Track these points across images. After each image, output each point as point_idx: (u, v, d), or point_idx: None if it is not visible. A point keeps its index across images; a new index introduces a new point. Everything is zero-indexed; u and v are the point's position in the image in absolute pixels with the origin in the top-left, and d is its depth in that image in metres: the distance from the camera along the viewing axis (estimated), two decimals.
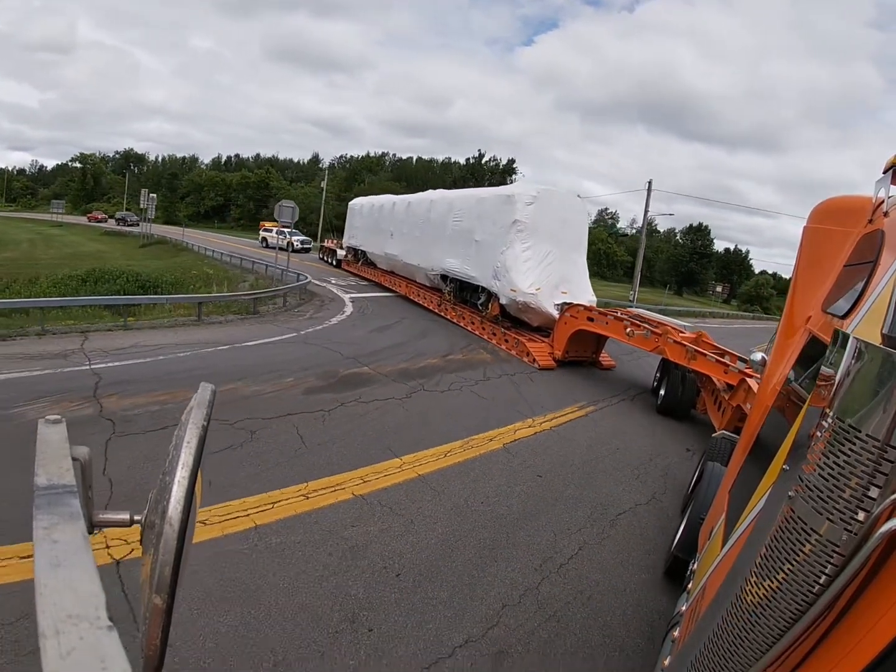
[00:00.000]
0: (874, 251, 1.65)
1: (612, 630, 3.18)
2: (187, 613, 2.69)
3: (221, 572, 3.08)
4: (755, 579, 0.96)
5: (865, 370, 0.85)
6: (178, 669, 2.41)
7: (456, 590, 3.29)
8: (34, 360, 6.61)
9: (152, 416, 5.01)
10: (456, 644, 2.86)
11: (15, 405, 4.96)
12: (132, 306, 11.47)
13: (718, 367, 6.66)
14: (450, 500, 4.36)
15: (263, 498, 3.87)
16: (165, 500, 0.51)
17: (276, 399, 5.91)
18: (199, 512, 2.45)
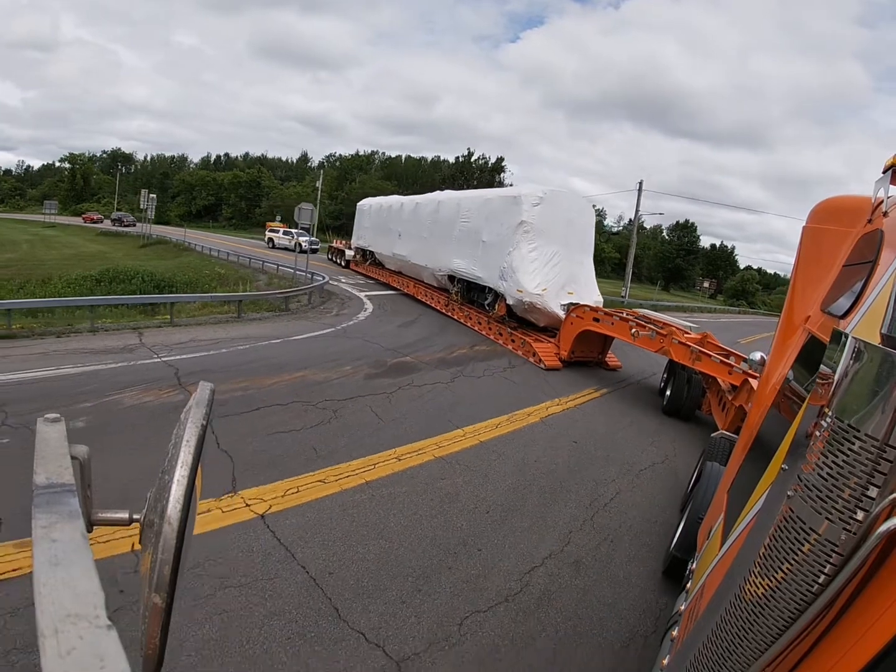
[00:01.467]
0: (873, 251, 1.65)
1: (652, 546, 4.19)
2: (341, 548, 3.51)
3: (352, 518, 3.90)
4: (754, 578, 0.96)
5: (864, 370, 0.84)
6: (347, 587, 3.24)
7: (533, 521, 4.21)
8: (103, 354, 7.27)
9: (241, 400, 5.80)
10: (543, 556, 3.77)
11: (107, 394, 5.65)
12: (157, 305, 12.16)
13: (723, 368, 6.64)
14: (510, 459, 5.29)
15: (365, 461, 4.73)
16: (165, 498, 0.51)
17: (343, 384, 6.75)
18: (318, 472, 3.44)
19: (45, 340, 7.96)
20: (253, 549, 3.33)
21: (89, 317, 9.51)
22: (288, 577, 3.13)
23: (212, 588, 2.95)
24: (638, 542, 4.19)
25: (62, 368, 6.40)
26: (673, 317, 10.24)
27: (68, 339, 8.20)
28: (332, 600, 3.01)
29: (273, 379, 6.56)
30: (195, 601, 2.82)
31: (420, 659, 2.72)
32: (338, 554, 3.43)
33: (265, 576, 3.12)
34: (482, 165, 78.41)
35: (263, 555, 3.29)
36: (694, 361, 7.03)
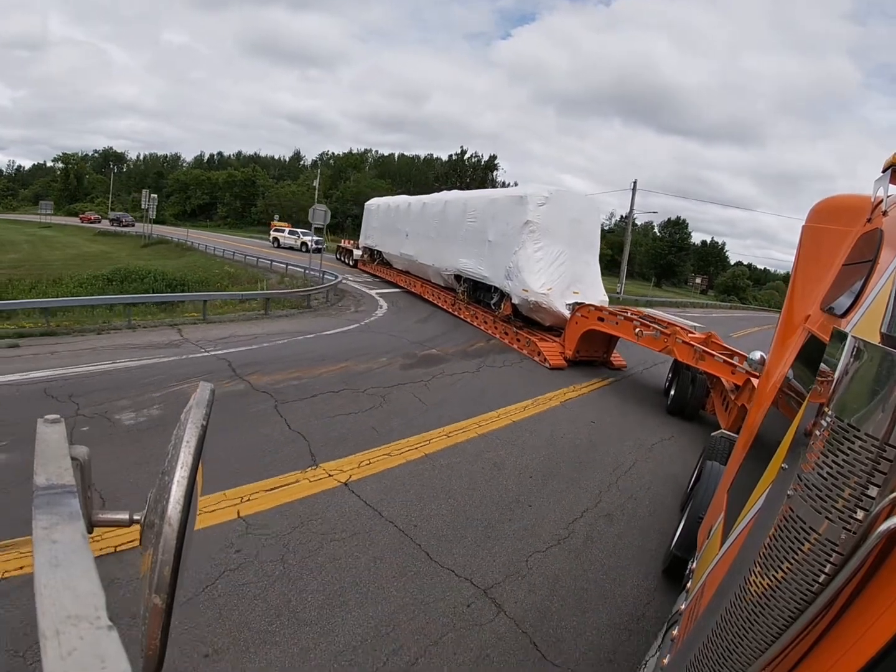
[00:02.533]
0: (873, 250, 1.66)
1: (667, 504, 4.91)
2: (418, 507, 4.13)
3: (421, 483, 4.53)
4: (754, 578, 0.97)
5: (864, 369, 0.84)
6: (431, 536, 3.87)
7: (568, 484, 4.90)
8: (150, 349, 7.79)
9: (296, 389, 6.39)
10: (581, 510, 4.45)
11: (171, 385, 6.19)
12: (175, 303, 12.56)
13: (726, 368, 6.66)
14: (540, 436, 5.99)
15: (420, 438, 5.36)
16: (165, 499, 0.51)
17: (384, 373, 7.38)
18: (383, 447, 4.18)
19: (86, 337, 8.41)
20: (345, 510, 3.94)
21: (124, 314, 10.02)
22: (380, 531, 3.75)
23: (318, 543, 3.54)
24: (656, 501, 4.91)
25: (118, 362, 6.91)
26: (673, 314, 10.64)
27: (108, 335, 8.66)
28: (422, 546, 3.64)
29: (320, 370, 7.16)
30: (308, 554, 3.40)
31: (501, 587, 3.36)
32: (416, 511, 4.06)
33: (361, 530, 3.73)
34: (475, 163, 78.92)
35: (355, 514, 3.91)
36: (697, 361, 7.02)
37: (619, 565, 3.82)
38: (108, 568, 2.92)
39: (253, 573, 3.14)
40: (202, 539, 3.29)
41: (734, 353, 7.36)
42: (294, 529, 3.61)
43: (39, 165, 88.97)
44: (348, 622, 2.88)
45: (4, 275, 23.07)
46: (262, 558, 3.28)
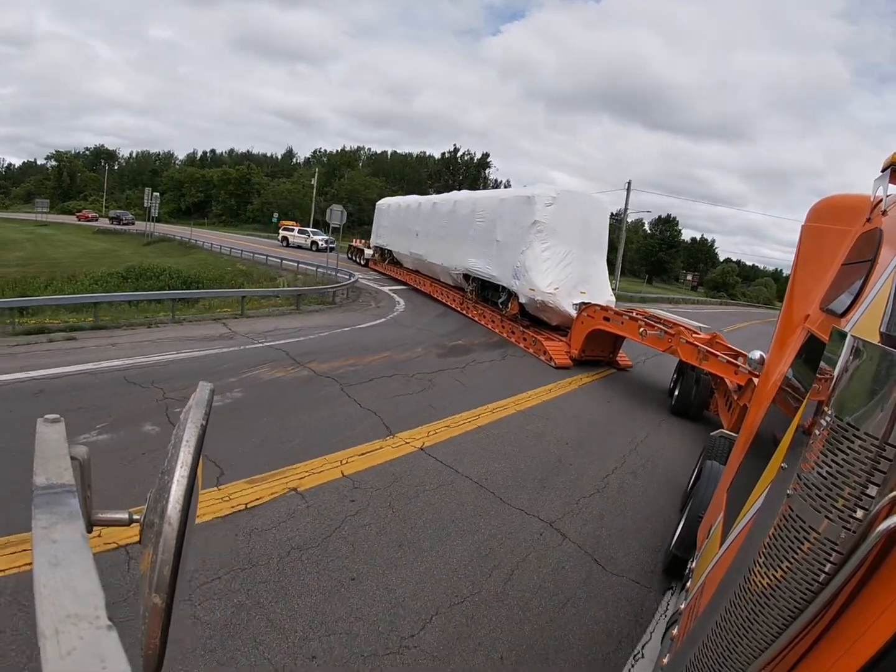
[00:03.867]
0: (872, 249, 1.66)
1: (677, 466, 5.85)
2: (484, 465, 4.99)
3: (481, 448, 5.40)
4: (754, 577, 0.97)
5: (864, 368, 0.85)
6: (500, 486, 4.74)
7: (597, 449, 5.87)
8: (206, 340, 8.49)
9: (354, 374, 7.21)
10: (611, 469, 5.39)
11: (243, 371, 6.91)
12: (191, 300, 12.83)
13: (729, 368, 6.69)
14: (567, 412, 6.98)
15: (469, 414, 6.25)
16: (165, 499, 0.51)
17: (424, 361, 8.25)
18: (441, 420, 5.20)
19: (136, 331, 8.95)
20: (428, 469, 4.79)
21: (168, 309, 10.56)
22: (460, 483, 4.61)
23: (414, 493, 4.37)
24: (668, 464, 5.90)
25: (183, 353, 7.61)
26: (668, 311, 10.76)
27: (159, 329, 9.20)
28: (495, 493, 4.51)
29: (368, 358, 8.00)
30: (408, 501, 4.22)
31: (561, 521, 4.25)
32: (484, 468, 4.93)
33: (444, 483, 4.59)
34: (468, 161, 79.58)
35: (436, 471, 4.76)
36: (701, 361, 7.06)
37: (647, 507, 4.75)
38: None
39: (370, 517, 3.96)
40: (320, 492, 4.12)
41: (738, 354, 7.25)
42: (392, 483, 4.45)
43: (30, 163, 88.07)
44: (455, 548, 3.73)
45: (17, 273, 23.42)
46: (373, 505, 4.10)
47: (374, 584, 3.25)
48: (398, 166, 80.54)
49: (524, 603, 3.29)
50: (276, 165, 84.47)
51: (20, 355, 6.99)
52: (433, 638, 2.89)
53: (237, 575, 3.11)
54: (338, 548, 3.54)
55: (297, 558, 3.34)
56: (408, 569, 3.45)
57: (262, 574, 3.15)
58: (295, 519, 3.74)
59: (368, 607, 3.03)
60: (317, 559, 3.37)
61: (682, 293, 54.85)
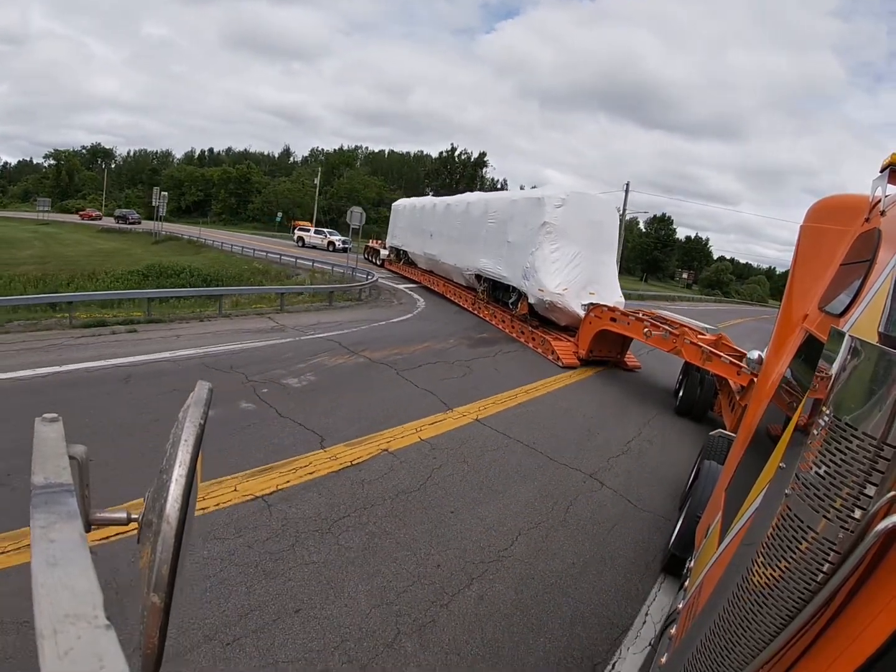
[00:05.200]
0: (871, 249, 1.67)
1: (685, 438, 6.90)
2: (529, 432, 5.98)
3: (524, 420, 6.39)
4: (752, 576, 0.98)
5: (862, 368, 0.85)
6: (546, 448, 5.73)
7: (617, 423, 6.94)
8: (261, 333, 9.22)
9: (404, 361, 8.17)
10: (631, 437, 6.46)
11: (307, 359, 7.73)
12: (216, 297, 13.27)
13: (731, 369, 6.73)
14: (588, 392, 8.12)
15: (508, 394, 7.26)
16: (163, 498, 0.52)
17: (458, 350, 9.25)
18: (487, 399, 6.38)
19: (191, 324, 9.62)
20: (486, 435, 5.77)
21: (218, 305, 11.09)
22: (514, 446, 5.61)
23: (480, 452, 5.35)
24: (677, 435, 7.00)
25: (245, 343, 8.42)
26: (666, 308, 11.16)
27: (211, 322, 9.85)
28: (543, 453, 5.51)
29: (411, 348, 8.97)
30: (477, 458, 5.19)
31: (598, 473, 5.27)
32: (529, 435, 5.94)
33: (502, 445, 5.57)
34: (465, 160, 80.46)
35: (493, 437, 5.75)
36: (704, 362, 7.15)
37: (662, 466, 5.82)
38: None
39: (451, 469, 4.93)
40: (407, 452, 5.08)
41: (742, 355, 7.10)
42: (461, 446, 5.43)
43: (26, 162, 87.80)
44: (522, 491, 4.73)
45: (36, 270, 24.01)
46: (451, 461, 5.07)
47: (468, 515, 4.23)
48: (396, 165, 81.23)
49: (581, 527, 4.29)
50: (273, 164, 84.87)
51: (92, 345, 7.62)
52: (520, 551, 3.87)
53: (362, 513, 4.04)
54: (434, 491, 4.51)
55: (405, 499, 4.30)
56: (491, 505, 4.43)
57: (381, 511, 4.09)
58: (394, 472, 4.70)
59: (469, 531, 4.00)
60: (420, 499, 4.33)
61: (678, 291, 56.27)
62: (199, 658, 2.53)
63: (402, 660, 2.74)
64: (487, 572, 3.56)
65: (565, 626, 3.21)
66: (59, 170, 67.39)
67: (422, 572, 3.47)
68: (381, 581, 3.30)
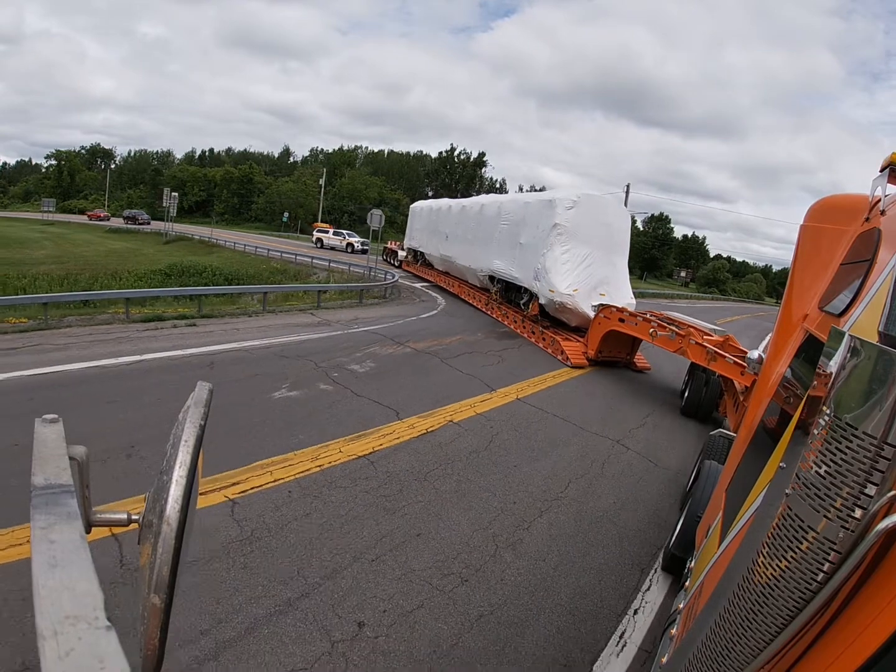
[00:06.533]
0: (871, 249, 1.67)
1: (683, 432, 7.89)
2: (561, 408, 7.04)
3: (556, 399, 7.47)
4: (752, 576, 0.98)
5: (862, 368, 0.85)
6: (577, 419, 6.79)
7: (633, 402, 8.08)
8: (309, 327, 10.11)
9: (445, 351, 9.22)
10: (646, 414, 7.55)
11: (362, 348, 8.74)
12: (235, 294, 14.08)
13: (736, 369, 6.78)
14: (608, 378, 9.20)
15: (538, 379, 8.37)
16: (163, 499, 0.52)
17: (487, 342, 10.35)
18: (522, 382, 7.70)
19: (241, 319, 10.42)
20: (526, 410, 6.84)
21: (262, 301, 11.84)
22: (550, 419, 6.68)
23: (527, 423, 6.41)
24: (677, 428, 7.89)
25: (301, 335, 9.31)
26: (666, 307, 11.78)
27: (259, 318, 10.65)
28: (576, 425, 6.61)
29: (447, 340, 10.02)
30: (525, 427, 6.26)
31: (623, 440, 6.39)
32: (563, 411, 7.03)
33: (541, 418, 6.64)
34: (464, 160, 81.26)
35: (533, 412, 6.82)
36: (709, 362, 7.22)
37: (674, 435, 7.00)
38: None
39: (507, 435, 5.98)
40: (468, 423, 6.10)
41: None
42: (510, 418, 6.51)
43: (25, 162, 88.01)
44: (565, 452, 5.80)
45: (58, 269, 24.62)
46: (505, 429, 6.13)
47: (528, 468, 5.29)
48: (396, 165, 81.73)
49: (615, 478, 5.38)
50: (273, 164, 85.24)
51: (161, 338, 8.42)
52: (573, 493, 4.93)
53: (446, 467, 5.06)
54: (497, 451, 5.56)
55: (476, 457, 5.34)
56: (543, 461, 5.50)
57: (461, 466, 5.13)
58: (461, 437, 5.74)
59: (531, 479, 5.06)
60: (488, 457, 5.38)
61: (676, 289, 57.66)
62: (353, 573, 3.42)
63: (504, 566, 3.76)
64: (552, 508, 4.62)
65: (615, 543, 4.27)
66: (60, 170, 67.66)
67: (503, 507, 4.51)
68: (475, 514, 4.34)
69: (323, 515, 3.97)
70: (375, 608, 3.14)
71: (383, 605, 3.17)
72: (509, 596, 3.44)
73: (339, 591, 3.23)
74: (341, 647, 2.82)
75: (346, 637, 2.89)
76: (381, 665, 2.76)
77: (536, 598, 3.47)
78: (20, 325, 8.46)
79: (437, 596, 3.32)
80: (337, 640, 2.86)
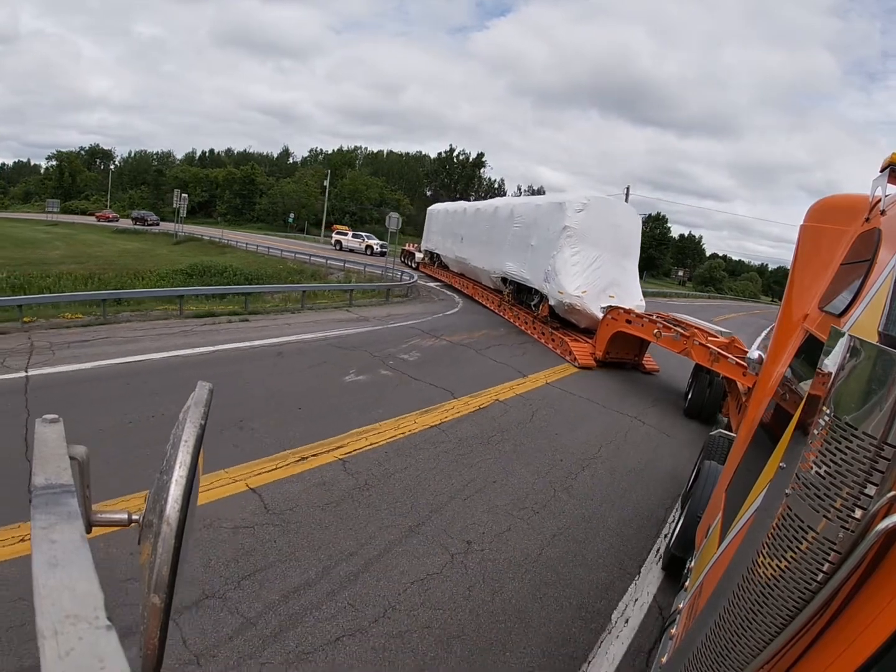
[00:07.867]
0: (871, 249, 1.68)
1: (684, 423, 9.00)
2: (586, 391, 8.19)
3: (581, 383, 8.63)
4: (753, 576, 0.98)
5: (862, 368, 0.86)
6: (601, 399, 7.93)
7: (644, 388, 9.27)
8: (351, 322, 11.08)
9: (476, 343, 10.35)
10: (650, 403, 8.67)
11: (405, 341, 9.79)
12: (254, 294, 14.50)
13: (738, 370, 6.82)
14: (621, 370, 10.19)
15: (562, 367, 9.54)
16: (163, 499, 0.52)
17: (510, 336, 11.53)
18: (549, 369, 9.05)
19: (285, 316, 11.33)
20: (557, 393, 8.00)
21: (298, 300, 12.66)
22: (577, 399, 7.83)
23: (560, 403, 7.56)
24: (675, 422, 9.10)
25: (348, 330, 10.31)
26: (665, 306, 12.26)
27: (299, 314, 11.61)
28: (599, 403, 7.77)
29: (476, 334, 11.16)
30: (558, 406, 7.40)
31: (639, 416, 7.59)
32: (587, 393, 8.21)
33: (570, 399, 7.79)
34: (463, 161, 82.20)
35: (563, 394, 7.98)
36: (712, 363, 7.31)
37: (675, 423, 8.09)
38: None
39: (545, 411, 7.12)
40: (511, 401, 7.21)
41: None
42: (543, 398, 7.66)
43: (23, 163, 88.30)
44: (593, 425, 6.97)
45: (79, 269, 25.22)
46: (543, 407, 7.27)
47: (567, 436, 6.45)
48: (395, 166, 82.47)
49: (637, 445, 6.57)
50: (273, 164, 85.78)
51: (221, 331, 9.24)
52: (605, 454, 6.09)
53: (502, 434, 6.18)
54: (539, 422, 6.72)
55: (524, 427, 6.47)
56: (578, 431, 6.66)
57: (513, 433, 6.25)
58: (508, 413, 6.88)
59: (571, 443, 6.21)
60: (533, 427, 6.51)
61: (674, 288, 59.15)
62: (452, 508, 4.47)
63: (563, 502, 4.88)
64: (590, 464, 5.76)
65: (644, 489, 5.44)
66: (61, 171, 67.92)
67: (554, 462, 5.65)
68: (533, 467, 5.46)
69: (417, 469, 5.05)
70: (476, 531, 4.21)
71: (481, 528, 4.26)
72: (570, 522, 4.56)
73: (445, 520, 4.29)
74: (458, 557, 3.84)
75: (461, 551, 3.92)
76: (490, 568, 3.80)
77: (592, 523, 4.60)
78: (77, 320, 8.95)
79: (519, 522, 4.43)
80: (454, 552, 3.90)
